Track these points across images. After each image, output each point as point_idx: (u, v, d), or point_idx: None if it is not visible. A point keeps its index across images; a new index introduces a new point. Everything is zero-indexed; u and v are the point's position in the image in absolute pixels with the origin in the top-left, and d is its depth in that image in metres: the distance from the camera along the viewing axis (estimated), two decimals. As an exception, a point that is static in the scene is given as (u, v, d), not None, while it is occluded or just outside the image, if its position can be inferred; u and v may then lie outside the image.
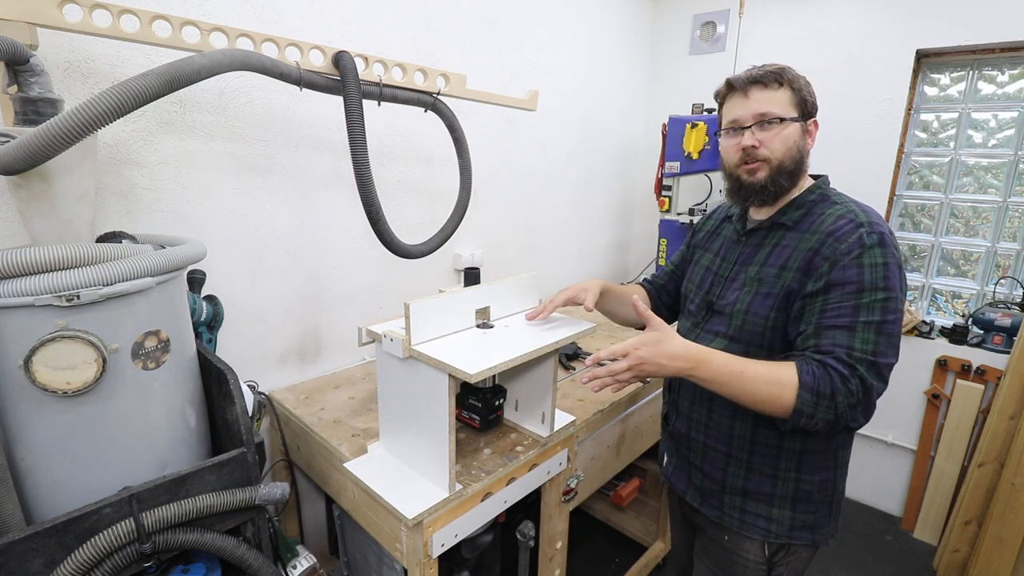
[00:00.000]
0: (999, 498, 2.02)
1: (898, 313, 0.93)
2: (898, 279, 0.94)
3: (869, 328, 0.92)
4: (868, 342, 0.92)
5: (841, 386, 0.91)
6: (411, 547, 1.10)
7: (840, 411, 0.92)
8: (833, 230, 0.98)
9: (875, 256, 0.93)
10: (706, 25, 2.92)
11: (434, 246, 1.56)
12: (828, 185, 1.10)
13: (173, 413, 0.97)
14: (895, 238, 0.97)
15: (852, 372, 0.91)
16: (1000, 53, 2.25)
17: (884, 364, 0.92)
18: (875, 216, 0.99)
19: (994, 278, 2.45)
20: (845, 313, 0.94)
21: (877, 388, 0.92)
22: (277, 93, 1.51)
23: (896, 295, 0.93)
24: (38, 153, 0.75)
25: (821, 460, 1.08)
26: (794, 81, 1.04)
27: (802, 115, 1.05)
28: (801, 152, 1.05)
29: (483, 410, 1.33)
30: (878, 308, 0.92)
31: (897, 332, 0.93)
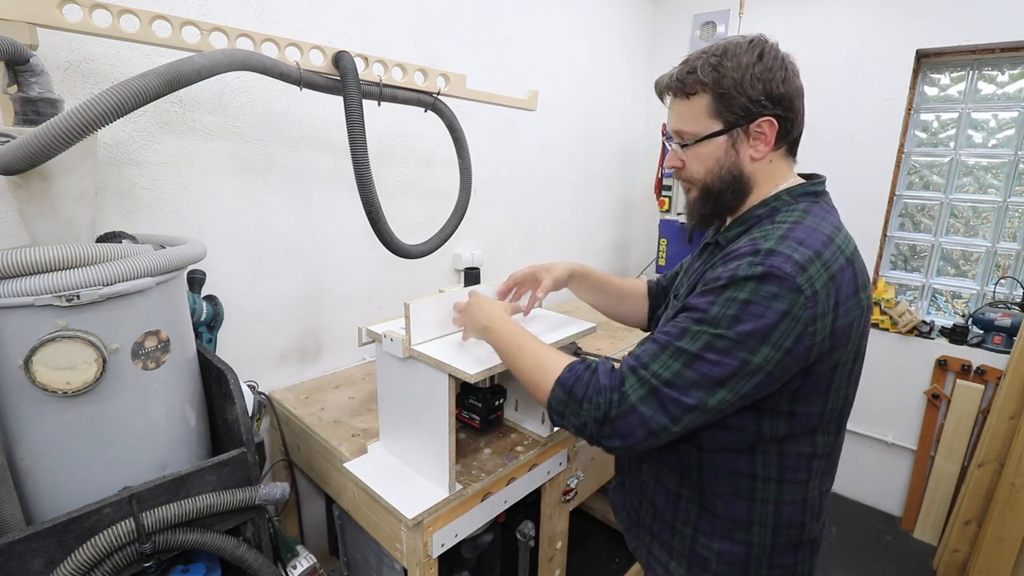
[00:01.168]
0: (999, 498, 2.02)
1: (729, 360, 0.72)
2: (758, 324, 0.71)
3: (678, 356, 0.75)
4: (666, 368, 0.75)
5: (593, 395, 0.78)
6: (411, 547, 1.10)
7: (584, 421, 0.78)
8: (731, 252, 0.79)
9: (741, 290, 0.73)
10: (706, 25, 2.92)
11: (434, 246, 1.56)
12: (797, 194, 0.85)
13: (173, 413, 0.97)
14: (819, 276, 0.73)
15: (616, 385, 0.77)
16: (1000, 53, 2.25)
17: (671, 398, 0.74)
18: (790, 246, 0.74)
19: (994, 278, 2.44)
20: (672, 332, 0.77)
21: (647, 417, 0.75)
22: (277, 93, 1.51)
23: (735, 338, 0.72)
24: (38, 153, 0.75)
25: (723, 527, 0.89)
26: (719, 81, 0.80)
27: (731, 123, 0.82)
28: (733, 170, 0.84)
29: (483, 410, 1.33)
30: (702, 341, 0.74)
31: (713, 376, 0.73)
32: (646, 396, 0.76)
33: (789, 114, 0.83)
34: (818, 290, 0.72)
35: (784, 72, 0.81)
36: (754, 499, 0.87)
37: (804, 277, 0.72)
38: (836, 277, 0.75)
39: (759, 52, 0.81)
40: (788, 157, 0.88)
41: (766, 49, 0.82)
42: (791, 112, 0.83)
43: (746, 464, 0.85)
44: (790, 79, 0.82)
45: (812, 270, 0.73)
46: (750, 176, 0.86)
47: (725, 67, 0.80)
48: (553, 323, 1.25)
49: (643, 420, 0.76)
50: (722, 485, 0.87)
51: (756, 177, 0.86)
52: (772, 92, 0.80)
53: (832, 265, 0.75)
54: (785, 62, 0.82)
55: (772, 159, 0.86)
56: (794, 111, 0.83)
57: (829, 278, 0.74)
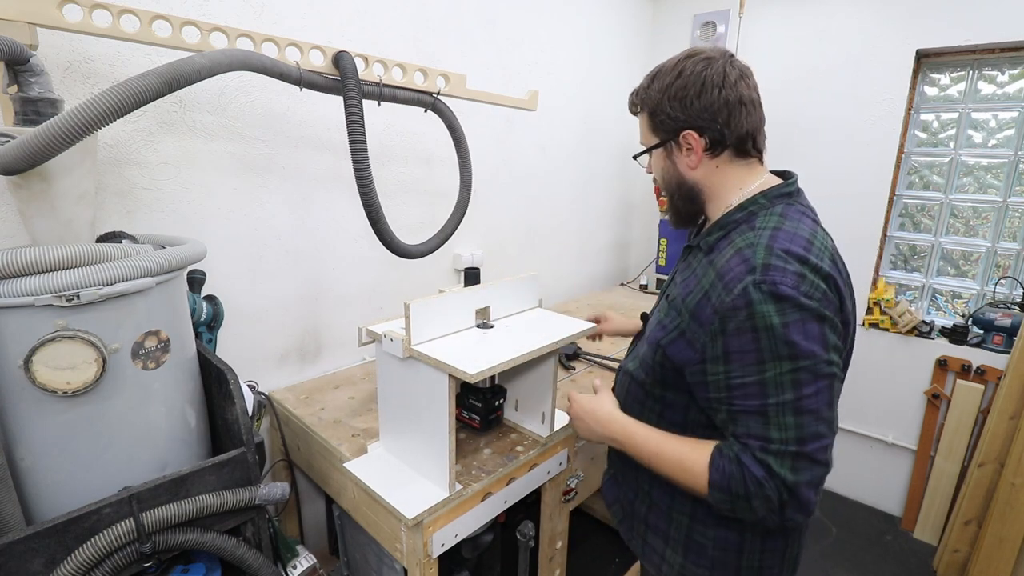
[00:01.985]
0: (999, 498, 2.02)
1: (820, 382, 0.75)
2: (811, 337, 0.74)
3: (784, 410, 0.75)
4: (787, 428, 0.75)
5: (755, 489, 0.77)
6: (411, 547, 1.10)
7: (761, 516, 0.79)
8: (724, 271, 0.81)
9: (767, 316, 0.74)
10: (706, 25, 2.92)
11: (434, 246, 1.56)
12: (777, 198, 0.87)
13: (173, 413, 0.97)
14: (813, 282, 0.76)
15: (769, 474, 0.76)
16: (1000, 53, 2.25)
17: (814, 449, 0.75)
18: (779, 257, 0.77)
19: (994, 278, 2.45)
20: (752, 394, 0.77)
21: (810, 480, 0.76)
22: (277, 93, 1.51)
23: (809, 361, 0.74)
24: (38, 153, 0.75)
25: (719, 515, 0.91)
26: (647, 100, 0.90)
27: (663, 138, 0.90)
28: (674, 176, 0.92)
29: (483, 410, 1.33)
30: (787, 382, 0.75)
31: (822, 405, 0.75)
32: (797, 466, 0.75)
33: (713, 125, 0.85)
34: (825, 289, 0.77)
35: (699, 87, 0.84)
36: None
37: (805, 286, 0.76)
38: (829, 275, 0.79)
39: (679, 71, 0.86)
40: (741, 160, 0.90)
41: (686, 66, 0.86)
42: (715, 123, 0.85)
43: None
44: (706, 93, 0.84)
45: (808, 274, 0.77)
46: (694, 183, 0.91)
47: (652, 89, 0.89)
48: (553, 322, 1.25)
49: (809, 485, 0.76)
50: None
51: (705, 183, 0.91)
52: (687, 108, 0.86)
53: (821, 263, 0.79)
54: (703, 76, 0.85)
55: (719, 165, 0.89)
56: (717, 120, 0.85)
57: (823, 278, 0.78)
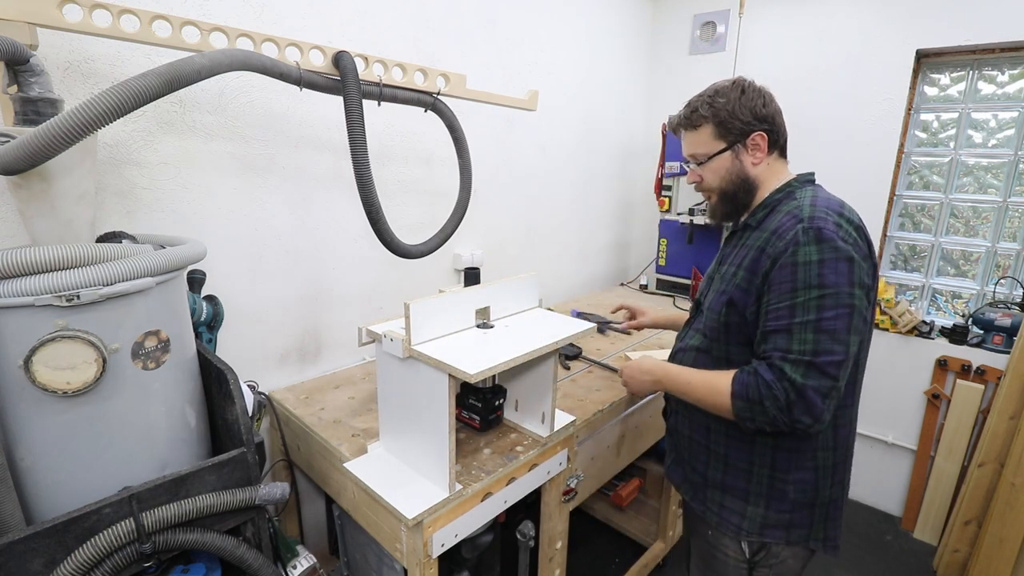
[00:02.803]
0: (999, 498, 2.02)
1: (840, 308, 0.91)
2: (839, 273, 0.92)
3: (806, 328, 0.92)
4: (806, 342, 0.92)
5: (766, 391, 0.94)
6: (411, 547, 1.10)
7: (772, 415, 0.94)
8: (777, 227, 1.00)
9: (809, 253, 0.93)
10: (706, 25, 2.92)
11: (434, 246, 1.56)
12: (805, 182, 1.11)
13: (173, 413, 0.97)
14: (848, 230, 0.96)
15: (780, 376, 0.93)
16: (1000, 53, 2.25)
17: (826, 362, 0.91)
18: (822, 211, 0.97)
19: (994, 278, 2.44)
20: (783, 315, 0.95)
21: (817, 387, 0.91)
22: (277, 93, 1.51)
23: (834, 291, 0.91)
24: (38, 153, 0.75)
25: (796, 459, 1.07)
26: (716, 113, 1.08)
27: (732, 141, 1.09)
28: (740, 175, 1.11)
29: (483, 410, 1.33)
30: (813, 306, 0.92)
31: (840, 327, 0.92)
32: (807, 371, 0.91)
33: (774, 127, 1.10)
34: (856, 238, 0.97)
35: (763, 99, 1.08)
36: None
37: (842, 232, 0.95)
38: (860, 227, 1.00)
39: (741, 89, 1.09)
40: (781, 159, 1.14)
41: (746, 85, 1.09)
42: (775, 126, 1.10)
43: None
44: (768, 104, 1.09)
45: (843, 224, 0.97)
46: (755, 177, 1.12)
47: (718, 103, 1.08)
48: (553, 322, 1.25)
49: (816, 391, 0.91)
50: None
51: (760, 177, 1.12)
52: (757, 114, 1.08)
53: (852, 218, 1.00)
54: (762, 92, 1.09)
55: (769, 162, 1.12)
56: (776, 125, 1.10)
57: (855, 228, 0.99)
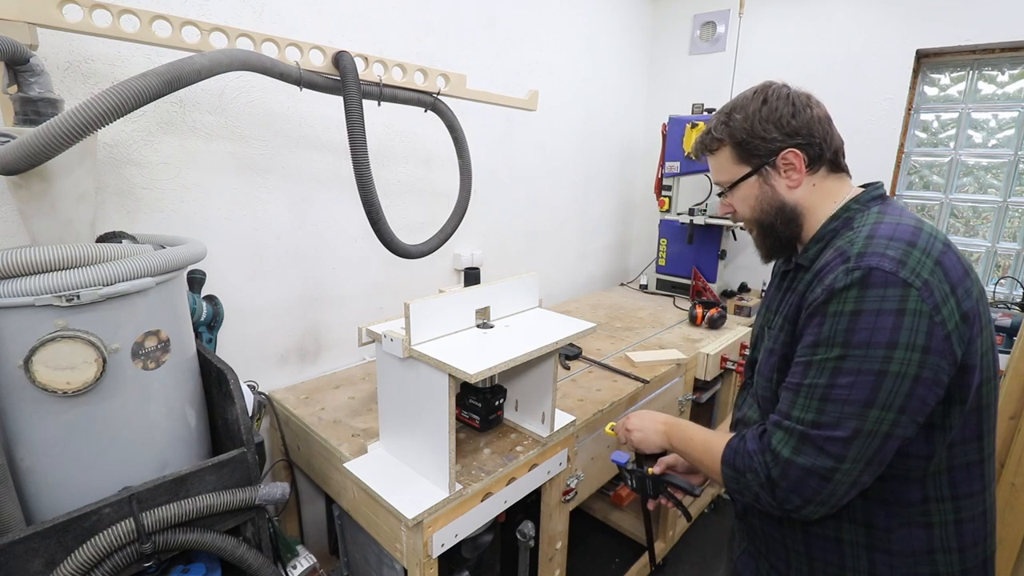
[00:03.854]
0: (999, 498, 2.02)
1: (863, 375, 0.70)
2: (878, 330, 0.69)
3: (813, 393, 0.74)
4: (808, 410, 0.74)
5: (747, 462, 0.79)
6: (411, 547, 1.10)
7: (754, 491, 0.79)
8: (822, 267, 0.79)
9: (845, 302, 0.72)
10: (706, 25, 2.92)
11: (434, 246, 1.56)
12: (866, 200, 0.86)
13: (173, 413, 0.97)
14: (920, 268, 0.70)
15: (764, 447, 0.78)
16: (1000, 53, 2.25)
17: (824, 437, 0.72)
18: (880, 244, 0.73)
19: (994, 278, 2.45)
20: (796, 372, 0.78)
21: (808, 465, 0.73)
22: (277, 93, 1.51)
23: (860, 352, 0.70)
24: (38, 153, 0.75)
25: (904, 564, 0.81)
26: (733, 133, 0.88)
27: (757, 164, 0.88)
28: (775, 202, 0.89)
29: (483, 410, 1.33)
30: (829, 368, 0.73)
31: (856, 398, 0.71)
32: (798, 445, 0.74)
33: (811, 140, 0.85)
34: (927, 279, 0.70)
35: (791, 108, 0.85)
36: (931, 524, 0.80)
37: (907, 270, 0.70)
38: (941, 261, 0.72)
39: (763, 98, 0.87)
40: (834, 175, 0.89)
41: (769, 93, 0.87)
42: (812, 138, 0.85)
43: (918, 489, 0.79)
44: (800, 112, 0.85)
45: (912, 261, 0.71)
46: (795, 204, 0.89)
47: (735, 120, 0.88)
48: (553, 322, 1.25)
49: (806, 470, 0.74)
50: (894, 517, 0.80)
51: (804, 203, 0.88)
52: (784, 128, 0.85)
53: (932, 251, 0.73)
54: (791, 98, 0.86)
55: (815, 182, 0.88)
56: (814, 137, 0.85)
57: (935, 264, 0.72)
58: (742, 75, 2.70)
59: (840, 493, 0.74)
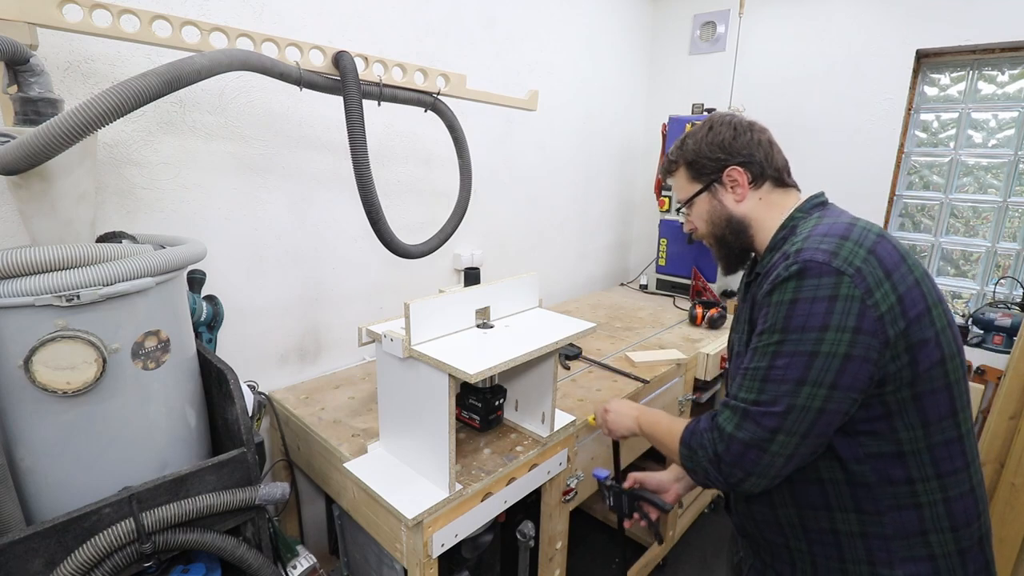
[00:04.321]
0: (999, 498, 2.02)
1: (797, 356, 0.77)
2: (811, 315, 0.76)
3: (756, 375, 0.81)
4: (751, 390, 0.81)
5: (698, 440, 0.87)
6: (411, 547, 1.10)
7: (704, 467, 0.86)
8: (770, 268, 0.86)
9: (784, 292, 0.79)
10: (706, 25, 2.92)
11: (434, 246, 1.56)
12: (808, 208, 0.94)
13: (173, 413, 0.97)
14: (852, 257, 0.78)
15: (713, 425, 0.85)
16: (1000, 53, 2.25)
17: (760, 413, 0.79)
18: (816, 240, 0.81)
19: (994, 278, 2.44)
20: (746, 359, 0.85)
21: (747, 439, 0.80)
22: (277, 93, 1.51)
23: (796, 336, 0.77)
24: (38, 153, 0.75)
25: (900, 547, 0.83)
26: (685, 155, 1.02)
27: (707, 181, 1.00)
28: (723, 215, 1.00)
29: (483, 410, 1.33)
30: (769, 352, 0.80)
31: (789, 377, 0.78)
32: (740, 421, 0.81)
33: (752, 158, 0.97)
34: (860, 266, 0.77)
35: (732, 132, 0.98)
36: (920, 504, 0.82)
37: (839, 260, 0.77)
38: (874, 250, 0.79)
39: (709, 126, 1.01)
40: (779, 189, 0.99)
41: (715, 121, 1.01)
42: (752, 157, 0.97)
43: (900, 469, 0.82)
44: (740, 135, 0.98)
45: (844, 251, 0.78)
46: (743, 216, 0.99)
47: (687, 145, 1.02)
48: (553, 322, 1.25)
49: (745, 443, 0.80)
50: (881, 500, 0.83)
51: (752, 215, 0.98)
52: (726, 148, 0.98)
53: (864, 242, 0.80)
54: (733, 124, 0.99)
55: (761, 196, 0.98)
56: (755, 155, 0.97)
57: (867, 253, 0.78)
58: (742, 75, 2.70)
59: (778, 465, 0.81)
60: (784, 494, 0.91)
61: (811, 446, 0.80)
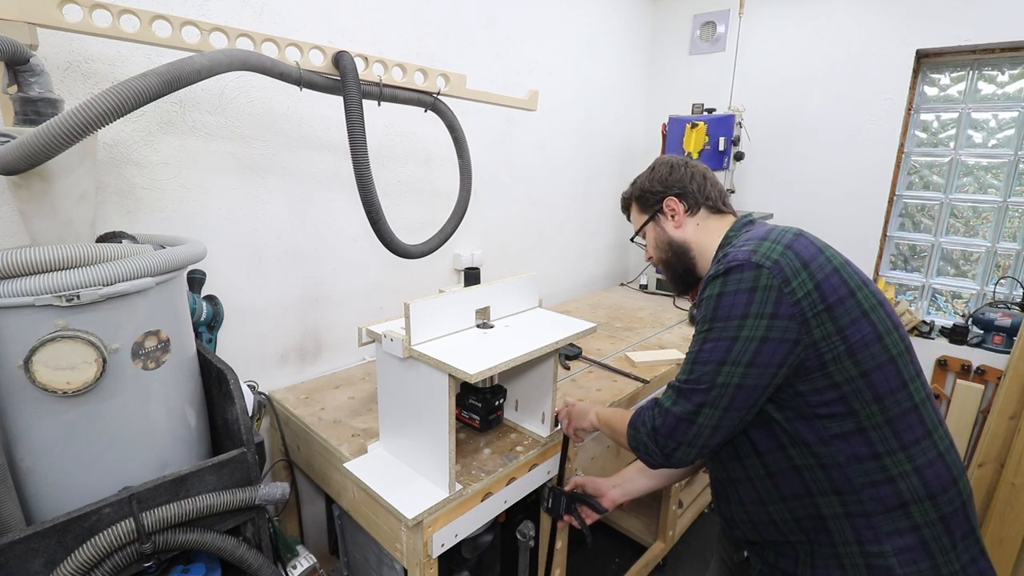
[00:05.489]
0: (999, 498, 2.02)
1: (720, 341, 0.87)
2: (733, 306, 0.86)
3: (689, 358, 0.92)
4: (684, 372, 0.92)
5: (640, 418, 0.97)
6: (411, 547, 1.10)
7: (644, 443, 0.95)
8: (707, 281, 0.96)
9: (713, 287, 0.90)
10: (706, 25, 2.92)
11: (434, 246, 1.56)
12: (739, 227, 1.05)
13: (173, 413, 0.97)
14: (768, 252, 0.87)
15: (653, 404, 0.96)
16: (1000, 53, 2.25)
17: (689, 389, 0.89)
18: (739, 246, 0.92)
19: (994, 278, 2.45)
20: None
21: (679, 412, 0.90)
22: (277, 93, 1.51)
23: (721, 324, 0.87)
24: (38, 153, 0.75)
25: (883, 522, 0.85)
26: (635, 191, 1.17)
27: (651, 212, 1.14)
28: (666, 240, 1.12)
29: (483, 410, 1.33)
30: (699, 340, 0.91)
31: (712, 359, 0.87)
32: (676, 398, 0.92)
33: (686, 189, 1.10)
34: (777, 259, 0.86)
35: (668, 168, 1.13)
36: (893, 478, 0.85)
37: (758, 256, 0.87)
38: (791, 246, 0.89)
39: (652, 167, 1.17)
40: (716, 215, 1.10)
41: (657, 163, 1.17)
42: (686, 188, 1.10)
43: (864, 446, 0.85)
44: (675, 171, 1.12)
45: (763, 249, 0.88)
46: (683, 240, 1.11)
47: (636, 183, 1.18)
48: (553, 323, 1.25)
49: (678, 417, 0.90)
50: (854, 478, 0.86)
51: (692, 240, 1.10)
52: (663, 182, 1.12)
53: (781, 240, 0.90)
54: (670, 163, 1.15)
55: (699, 222, 1.10)
56: (689, 187, 1.10)
57: (784, 248, 0.88)
58: (742, 75, 2.70)
59: (705, 435, 0.89)
60: (770, 489, 0.95)
61: (734, 419, 0.89)
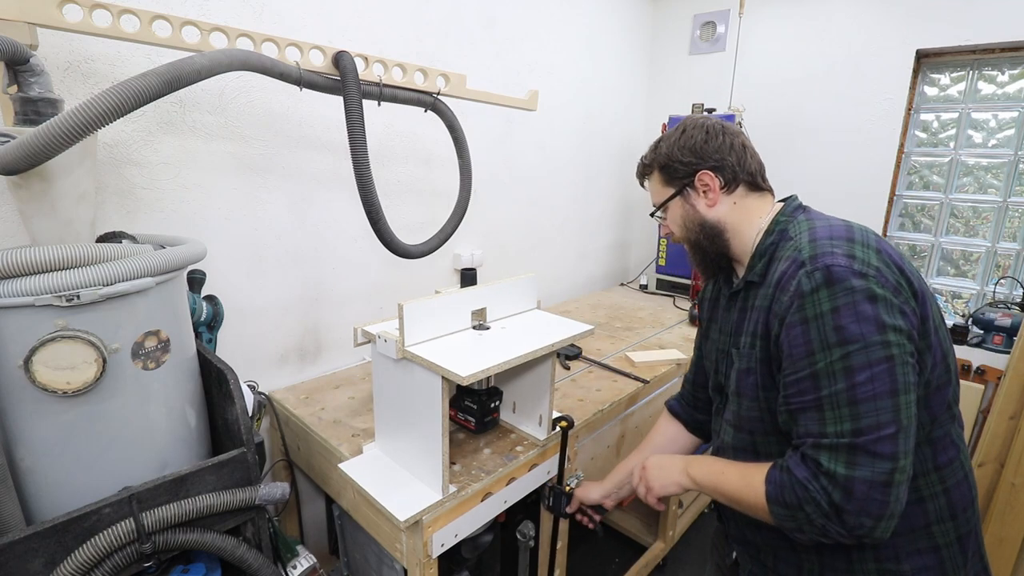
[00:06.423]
0: (999, 498, 2.02)
1: (876, 366, 0.70)
2: (864, 319, 0.71)
3: (837, 401, 0.72)
4: (842, 420, 0.71)
5: (803, 494, 0.73)
6: (411, 547, 1.10)
7: (819, 525, 0.73)
8: (779, 278, 0.82)
9: (818, 303, 0.74)
10: (706, 25, 2.92)
11: (434, 246, 1.56)
12: (791, 211, 0.92)
13: (173, 413, 0.97)
14: (865, 257, 0.75)
15: (815, 474, 0.73)
16: (1000, 53, 2.25)
17: (873, 440, 0.69)
18: (825, 244, 0.78)
19: (994, 278, 2.44)
20: (805, 388, 0.75)
21: (869, 477, 0.69)
22: (277, 93, 1.51)
23: (860, 344, 0.71)
24: (38, 153, 0.75)
25: (905, 542, 0.81)
26: (657, 159, 0.99)
27: (679, 185, 0.97)
28: (697, 220, 0.97)
29: (478, 412, 1.33)
30: (839, 370, 0.72)
31: (881, 391, 0.70)
32: (850, 459, 0.71)
33: (723, 163, 0.93)
34: (878, 266, 0.75)
35: (704, 135, 0.95)
36: (923, 499, 0.81)
37: (858, 263, 0.75)
38: (880, 249, 0.78)
39: (682, 129, 0.97)
40: (755, 193, 0.96)
41: (688, 124, 0.98)
42: (724, 161, 0.93)
43: None
44: (712, 139, 0.94)
45: (859, 254, 0.76)
46: (716, 221, 0.96)
47: (660, 148, 0.99)
48: (550, 324, 1.25)
49: (869, 482, 0.70)
50: None
51: (727, 220, 0.95)
52: (697, 152, 0.94)
53: (868, 242, 0.79)
54: (705, 127, 0.96)
55: (735, 201, 0.95)
56: (727, 159, 0.94)
57: (876, 252, 0.77)
58: (742, 75, 2.70)
59: (903, 495, 0.72)
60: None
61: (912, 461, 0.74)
